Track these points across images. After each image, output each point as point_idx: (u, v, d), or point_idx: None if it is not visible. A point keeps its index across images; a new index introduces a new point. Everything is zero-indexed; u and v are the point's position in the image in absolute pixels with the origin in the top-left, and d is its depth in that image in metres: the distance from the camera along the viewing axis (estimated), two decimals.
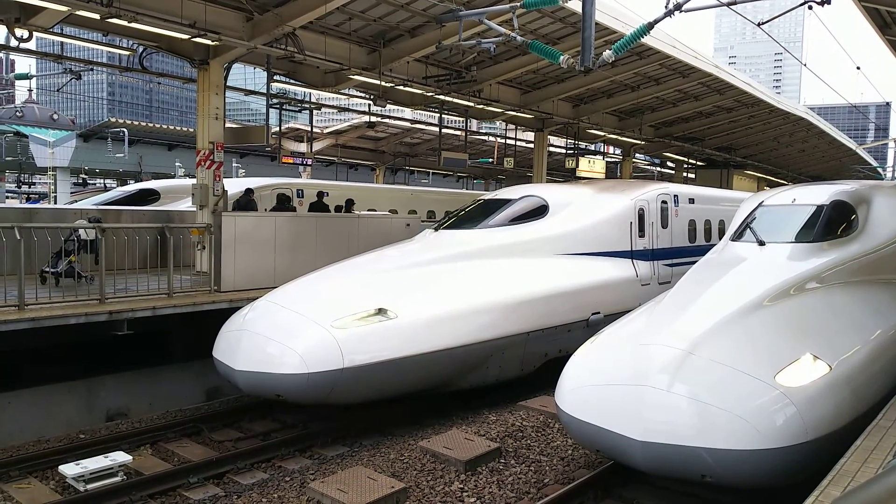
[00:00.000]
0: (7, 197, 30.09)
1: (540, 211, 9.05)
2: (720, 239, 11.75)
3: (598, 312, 8.71)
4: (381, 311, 6.66)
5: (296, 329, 6.37)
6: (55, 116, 33.66)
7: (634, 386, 4.65)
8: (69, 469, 5.56)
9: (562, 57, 8.39)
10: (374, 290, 7.10)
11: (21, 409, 7.31)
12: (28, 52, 11.24)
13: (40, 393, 7.49)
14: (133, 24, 9.09)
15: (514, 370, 7.79)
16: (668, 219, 10.63)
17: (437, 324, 6.82)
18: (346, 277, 7.52)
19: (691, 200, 11.48)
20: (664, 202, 10.60)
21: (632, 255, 9.66)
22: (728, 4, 8.40)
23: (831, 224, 6.81)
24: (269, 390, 6.26)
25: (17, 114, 31.29)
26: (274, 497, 5.36)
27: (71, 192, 26.16)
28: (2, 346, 6.85)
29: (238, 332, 6.69)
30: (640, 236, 9.87)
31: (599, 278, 8.89)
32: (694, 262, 10.42)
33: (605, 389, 4.85)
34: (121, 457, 5.77)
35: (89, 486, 5.47)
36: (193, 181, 11.71)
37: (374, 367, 6.32)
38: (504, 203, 9.17)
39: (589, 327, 8.47)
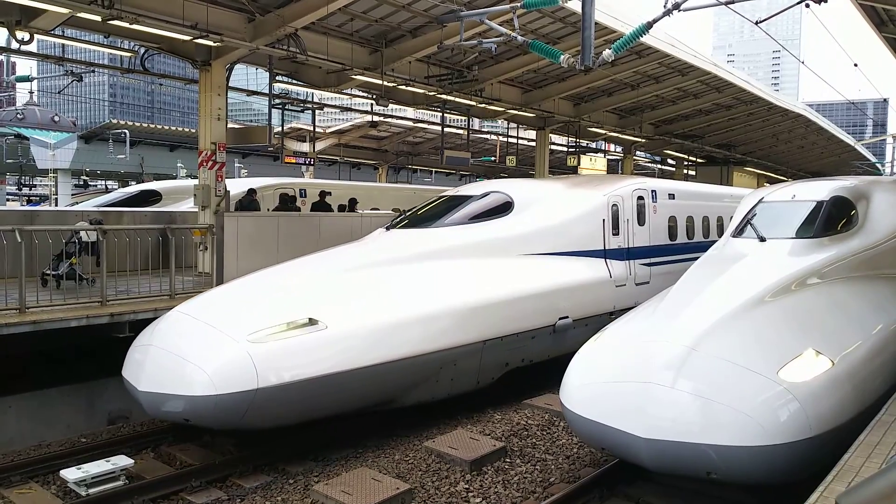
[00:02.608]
0: (8, 199, 30.11)
1: (503, 208, 8.39)
2: (704, 237, 11.45)
3: (567, 317, 8.12)
4: (311, 321, 5.91)
5: (205, 344, 5.63)
6: (56, 118, 33.65)
7: (638, 383, 4.67)
8: (70, 474, 5.54)
9: (562, 56, 8.41)
10: (307, 296, 6.37)
11: (22, 412, 7.32)
12: (29, 54, 11.27)
13: (41, 397, 7.48)
14: (134, 26, 9.11)
15: (469, 383, 7.17)
16: (646, 215, 9.96)
17: (375, 334, 6.13)
18: (279, 282, 6.77)
19: (671, 196, 10.77)
20: (640, 198, 9.92)
21: (605, 254, 9.03)
22: (726, 3, 8.41)
23: (831, 220, 6.83)
24: (174, 414, 5.60)
25: (19, 116, 31.30)
26: (278, 500, 5.37)
27: (72, 194, 26.17)
28: (3, 349, 6.85)
29: (145, 347, 5.94)
30: (614, 234, 9.22)
31: (568, 280, 8.27)
32: (675, 262, 10.14)
33: (610, 387, 4.87)
34: (123, 461, 5.75)
35: (91, 491, 5.46)
36: (195, 182, 11.73)
37: (298, 386, 5.57)
38: (464, 200, 8.53)
39: (556, 333, 7.98)
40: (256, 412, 5.50)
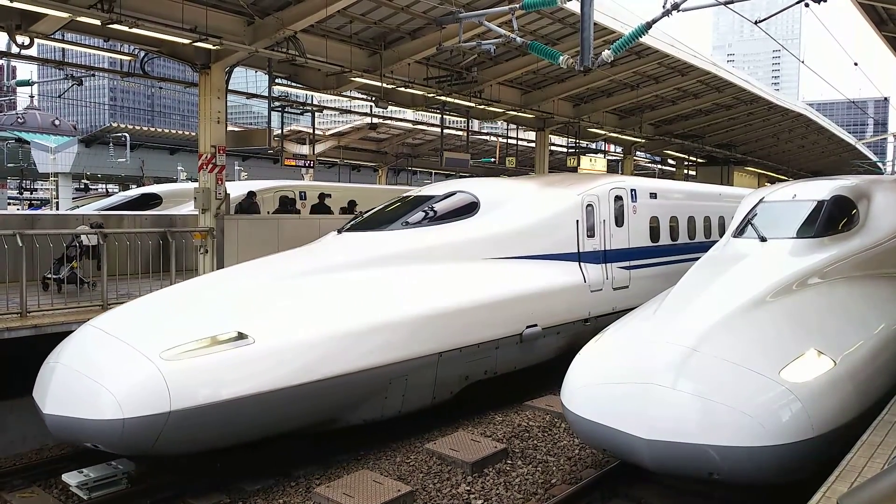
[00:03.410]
0: (9, 203, 30.14)
1: (468, 209, 7.85)
2: (690, 238, 11.09)
3: (535, 325, 7.62)
4: (240, 336, 5.37)
5: (114, 362, 5.10)
6: (57, 122, 33.74)
7: (640, 384, 4.66)
8: (72, 477, 5.54)
9: (561, 57, 8.41)
10: (238, 307, 5.80)
11: (24, 417, 7.32)
12: (29, 58, 11.28)
13: None
14: (134, 30, 9.13)
15: (423, 398, 6.64)
16: (625, 216, 9.44)
17: (310, 348, 5.57)
18: (210, 292, 6.20)
19: (653, 195, 10.21)
20: (618, 198, 9.40)
21: (579, 257, 8.52)
22: (725, 3, 8.41)
23: (832, 219, 6.82)
24: (80, 438, 5.11)
25: (19, 120, 31.36)
26: (279, 502, 5.38)
27: (73, 198, 26.20)
28: (4, 353, 6.86)
29: (52, 365, 5.40)
30: (588, 236, 8.71)
31: (537, 285, 7.74)
32: (658, 265, 9.84)
33: (611, 388, 4.86)
34: (124, 464, 5.76)
35: (93, 495, 5.46)
36: (196, 185, 11.74)
37: (218, 408, 5.04)
38: (425, 200, 7.98)
39: (523, 343, 7.53)
40: (171, 437, 4.96)
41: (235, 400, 5.13)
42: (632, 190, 9.73)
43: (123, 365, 5.07)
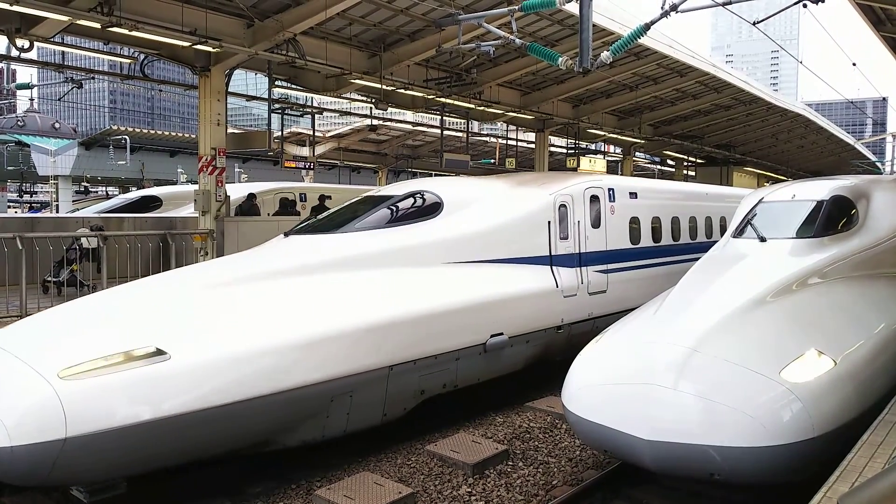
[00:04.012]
0: (9, 206, 30.14)
1: (430, 209, 7.30)
2: (675, 240, 10.49)
3: (501, 333, 7.12)
4: (158, 352, 4.81)
5: (5, 383, 4.57)
6: (57, 125, 33.73)
7: (640, 384, 4.66)
8: None
9: (560, 58, 8.43)
10: (159, 319, 5.23)
11: None
12: (29, 62, 11.30)
13: None
14: (134, 33, 9.15)
15: (372, 416, 6.08)
16: (602, 217, 8.92)
17: (237, 364, 5.01)
18: (130, 301, 5.60)
19: (633, 195, 9.70)
20: (595, 197, 8.85)
21: (551, 261, 8.00)
22: (723, 4, 8.43)
23: (832, 219, 6.83)
24: None
25: (19, 123, 31.36)
26: None
27: (73, 201, 26.22)
28: None
29: None
30: (562, 238, 8.18)
31: (504, 291, 7.24)
32: (639, 268, 9.45)
33: (611, 389, 4.86)
34: None
35: (93, 498, 5.43)
36: (196, 187, 11.76)
37: (124, 433, 4.50)
38: (383, 200, 7.44)
39: (488, 353, 7.01)
40: (69, 466, 4.43)
41: (146, 423, 4.57)
42: (609, 189, 9.17)
43: (15, 386, 4.52)
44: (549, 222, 8.06)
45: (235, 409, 4.96)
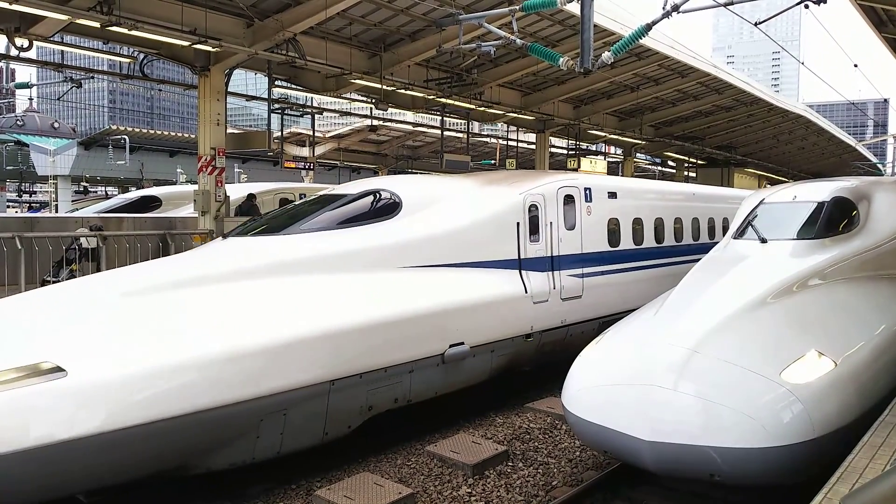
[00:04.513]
0: (8, 206, 30.14)
1: (387, 210, 6.80)
2: (658, 242, 10.06)
3: (462, 343, 6.64)
4: (54, 368, 4.31)
5: None
6: (56, 125, 33.75)
7: (641, 385, 4.65)
8: None
9: (561, 59, 8.43)
10: (63, 330, 4.74)
11: None
12: (29, 61, 11.29)
13: None
14: (133, 32, 9.15)
15: (311, 436, 5.55)
16: (577, 217, 8.43)
17: (145, 382, 4.50)
18: (30, 312, 5.09)
19: (612, 195, 9.21)
20: (569, 197, 8.36)
21: (520, 264, 7.53)
22: (725, 5, 8.43)
23: (832, 220, 6.82)
24: None
25: (18, 123, 31.37)
26: None
27: (72, 200, 26.22)
28: None
29: None
30: (532, 240, 7.71)
31: (465, 298, 6.76)
32: (618, 272, 9.01)
33: (612, 389, 4.85)
34: None
35: (93, 498, 5.43)
36: (195, 187, 11.75)
37: (10, 461, 4.03)
38: (336, 199, 6.94)
39: (446, 364, 6.52)
40: None
41: (31, 450, 4.06)
42: (586, 189, 8.67)
43: None
44: (517, 224, 7.59)
45: (144, 432, 4.41)
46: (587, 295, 8.35)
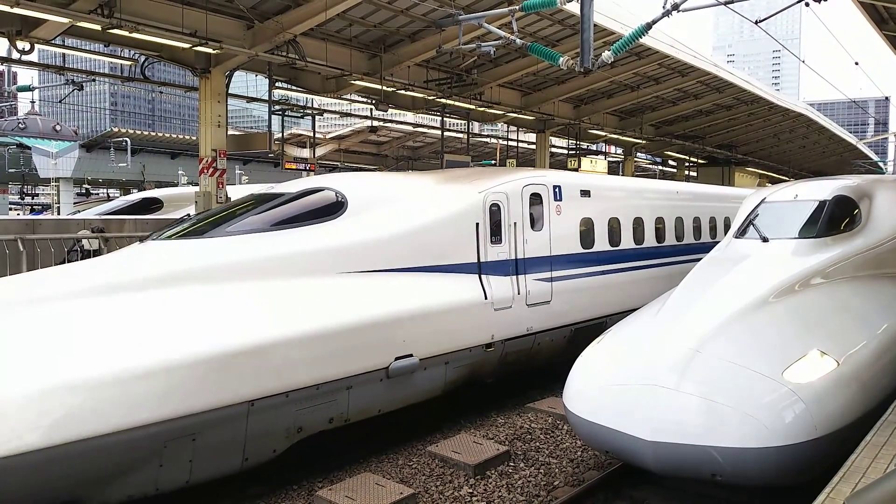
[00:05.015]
0: (11, 208, 30.21)
1: (330, 210, 6.24)
2: (638, 244, 9.53)
3: (410, 355, 6.09)
4: None
5: None
6: (58, 127, 33.82)
7: (642, 385, 4.65)
8: None
9: (561, 59, 8.43)
10: None
11: None
12: (30, 63, 11.32)
13: None
14: (134, 35, 9.16)
15: (226, 462, 4.98)
16: (545, 217, 7.90)
17: (24, 406, 4.02)
18: None
19: (585, 193, 8.66)
20: (536, 195, 7.82)
21: (480, 268, 7.01)
22: (725, 3, 8.43)
23: (834, 219, 6.81)
24: None
25: (20, 125, 31.45)
26: None
27: (74, 203, 26.27)
28: None
29: None
30: (493, 242, 7.19)
31: (414, 305, 6.19)
32: (590, 274, 8.46)
33: (613, 389, 4.85)
34: None
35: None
36: (197, 189, 11.76)
37: None
38: (272, 199, 6.36)
39: (392, 379, 5.97)
40: None
41: None
42: (555, 187, 8.11)
43: None
44: (477, 224, 7.05)
45: (18, 464, 3.92)
46: (557, 300, 7.87)
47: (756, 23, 9.66)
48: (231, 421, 4.86)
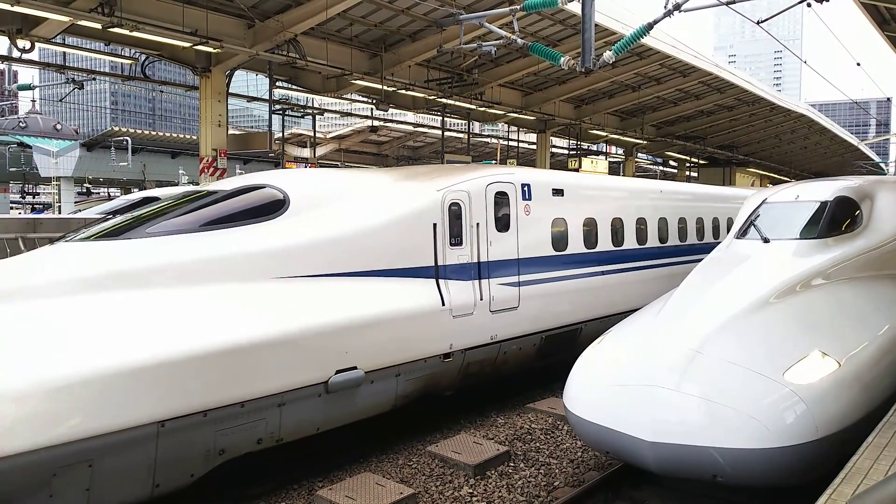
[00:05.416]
0: (11, 207, 30.25)
1: (268, 209, 5.73)
2: (616, 245, 9.06)
3: (354, 367, 5.59)
4: None
5: None
6: (58, 126, 33.85)
7: (643, 386, 4.64)
8: None
9: (562, 59, 8.42)
10: None
11: None
12: (31, 62, 11.31)
13: None
14: (135, 33, 9.16)
15: (134, 489, 4.47)
16: (513, 218, 7.42)
17: None
18: None
19: (558, 192, 8.16)
20: (502, 194, 7.34)
21: (437, 272, 6.52)
22: (727, 3, 8.42)
23: (835, 220, 6.80)
24: None
25: (21, 124, 31.48)
26: None
27: (75, 202, 26.30)
28: None
29: None
30: (453, 244, 6.71)
31: (360, 313, 5.68)
32: (563, 278, 8.02)
33: (614, 390, 4.84)
34: None
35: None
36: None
37: None
38: (205, 197, 5.85)
39: (332, 394, 5.46)
40: None
41: None
42: (524, 185, 7.62)
43: None
44: (434, 225, 6.56)
45: None
46: (525, 306, 7.39)
47: (758, 23, 9.66)
48: (136, 444, 4.35)
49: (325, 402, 5.47)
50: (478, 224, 7.02)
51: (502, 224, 7.33)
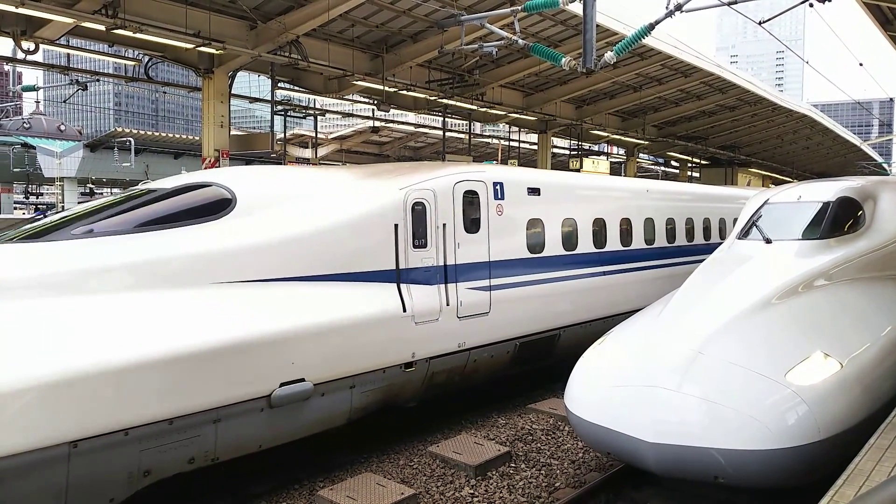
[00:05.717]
0: (15, 208, 30.35)
1: (211, 209, 5.35)
2: (598, 247, 8.68)
3: (301, 379, 5.22)
4: None
5: None
6: (62, 127, 33.97)
7: (644, 387, 4.64)
8: None
9: (564, 59, 8.42)
10: None
11: None
12: (35, 63, 11.35)
13: None
14: (138, 35, 9.20)
15: None
16: (483, 218, 7.03)
17: None
18: None
19: (533, 191, 7.75)
20: (471, 193, 6.93)
21: (398, 276, 6.12)
22: (729, 4, 8.41)
23: (838, 221, 6.79)
24: None
25: (25, 125, 31.60)
26: None
27: (78, 202, 26.38)
28: None
29: None
30: (416, 246, 6.32)
31: (308, 321, 5.30)
32: (539, 282, 7.64)
33: (615, 391, 4.84)
34: None
35: None
36: None
37: None
38: (143, 195, 5.46)
39: (276, 408, 5.09)
40: None
41: None
42: (495, 184, 7.23)
43: None
44: (395, 226, 6.17)
45: None
46: (497, 311, 7.01)
47: (760, 23, 9.64)
48: (43, 467, 3.95)
49: (268, 417, 5.08)
50: (444, 225, 6.60)
51: (472, 225, 6.92)
